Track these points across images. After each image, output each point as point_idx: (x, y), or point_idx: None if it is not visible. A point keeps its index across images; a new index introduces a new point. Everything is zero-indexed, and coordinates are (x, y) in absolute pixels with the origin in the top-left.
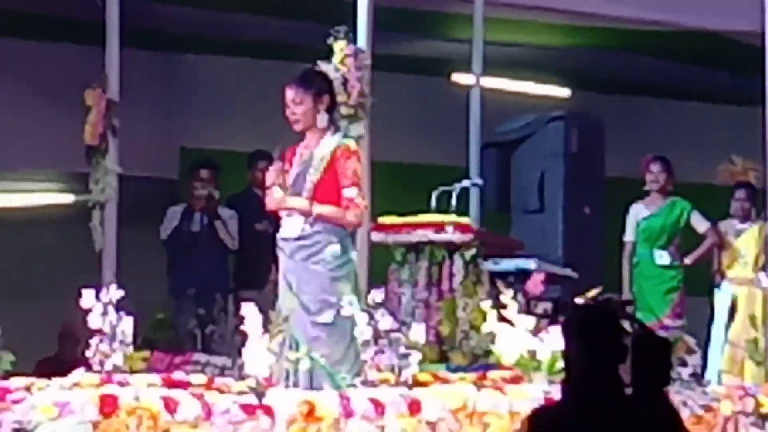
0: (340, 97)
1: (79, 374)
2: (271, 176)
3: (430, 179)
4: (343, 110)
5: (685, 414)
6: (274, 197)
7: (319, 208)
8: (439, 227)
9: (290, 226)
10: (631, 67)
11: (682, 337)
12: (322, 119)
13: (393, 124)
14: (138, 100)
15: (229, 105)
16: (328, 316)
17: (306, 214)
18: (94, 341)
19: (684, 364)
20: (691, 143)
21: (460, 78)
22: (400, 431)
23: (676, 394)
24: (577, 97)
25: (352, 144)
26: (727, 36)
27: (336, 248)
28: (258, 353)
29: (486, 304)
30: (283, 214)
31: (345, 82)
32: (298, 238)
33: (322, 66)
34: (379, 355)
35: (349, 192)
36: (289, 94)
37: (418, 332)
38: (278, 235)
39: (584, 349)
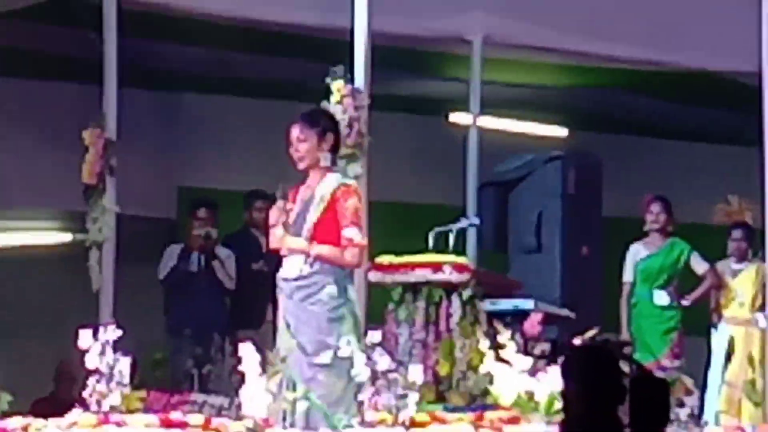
0: None
1: (76, 414)
2: (273, 215)
3: (428, 219)
4: (342, 150)
5: None
6: (275, 236)
7: (318, 249)
8: (437, 267)
9: (290, 267)
10: (629, 107)
11: (680, 378)
12: (326, 158)
13: (391, 163)
14: (136, 139)
15: (227, 144)
16: (325, 357)
17: (305, 254)
18: (91, 381)
19: (682, 404)
20: (689, 183)
21: (457, 117)
22: None
23: None
24: (575, 136)
25: (352, 183)
26: (725, 76)
27: (333, 289)
28: (255, 393)
29: (484, 344)
30: (284, 253)
31: (350, 123)
32: (297, 278)
33: (330, 106)
34: (377, 395)
35: (349, 232)
36: (294, 131)
37: (415, 372)
38: (278, 275)
39: (583, 390)
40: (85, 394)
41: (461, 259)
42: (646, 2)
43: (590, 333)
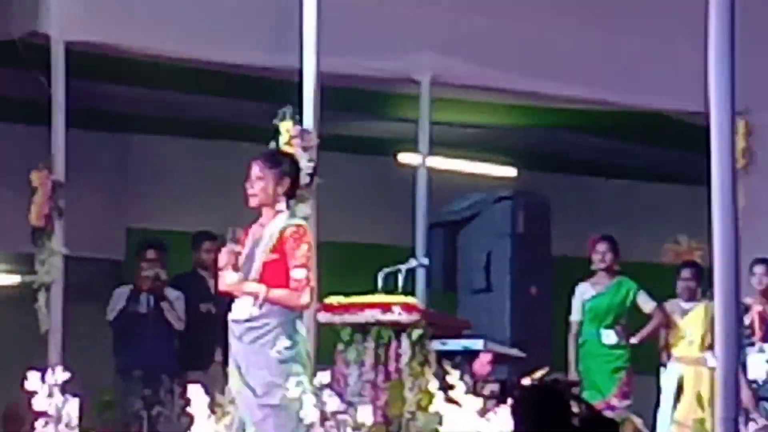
0: None
1: None
2: (223, 258)
3: (377, 259)
4: None
5: None
6: (226, 279)
7: (265, 291)
8: (386, 307)
9: (240, 308)
10: (578, 147)
11: (629, 417)
12: (280, 201)
13: (340, 203)
14: (84, 181)
15: (175, 185)
16: (274, 398)
17: (256, 296)
18: (39, 423)
19: None
20: (638, 222)
21: (406, 158)
22: None
23: None
24: (524, 176)
25: (301, 224)
26: (673, 115)
27: (283, 330)
28: None
29: (433, 385)
30: (237, 294)
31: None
32: (247, 320)
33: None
34: None
35: (299, 273)
36: (255, 169)
37: (365, 413)
38: (229, 317)
39: (533, 430)
40: None
41: (410, 300)
42: (593, 43)
43: (539, 373)
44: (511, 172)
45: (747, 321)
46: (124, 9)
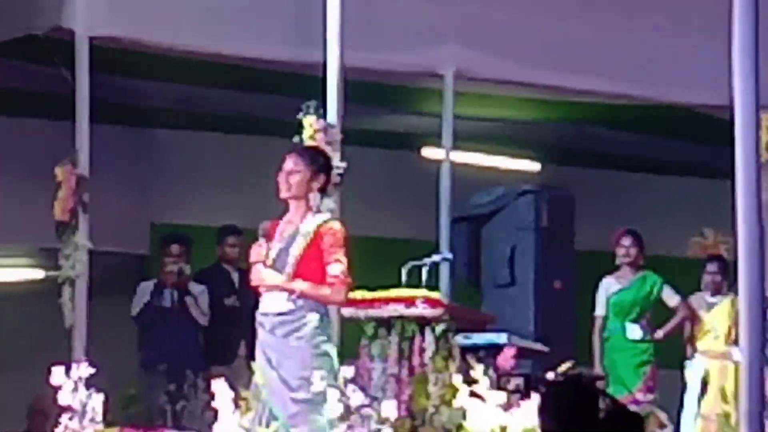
0: None
1: None
2: (255, 253)
3: (401, 254)
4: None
5: None
6: (258, 274)
7: (303, 286)
8: (410, 302)
9: (271, 302)
10: (602, 141)
11: (653, 412)
12: (315, 198)
13: (363, 198)
14: (108, 176)
15: (199, 180)
16: (308, 393)
17: (290, 291)
18: (64, 418)
19: None
20: (662, 216)
21: (430, 152)
22: None
23: None
24: (548, 170)
25: (337, 223)
26: (698, 109)
27: (317, 325)
28: (229, 429)
29: (457, 379)
30: (262, 289)
31: None
32: (279, 314)
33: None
34: (351, 430)
35: (336, 269)
36: (290, 162)
37: (389, 408)
38: (258, 310)
39: (561, 426)
40: (57, 431)
41: (434, 294)
42: (618, 36)
43: (563, 367)
44: (534, 166)
45: None
46: (148, 4)
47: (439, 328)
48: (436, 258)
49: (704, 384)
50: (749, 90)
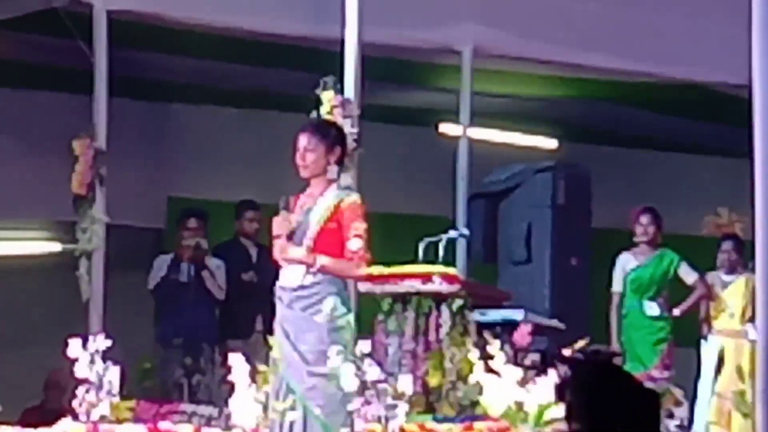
0: None
1: (65, 424)
2: (279, 225)
3: (418, 230)
4: None
5: None
6: (281, 248)
7: (325, 260)
8: (426, 278)
9: (290, 276)
10: (619, 119)
11: (669, 389)
12: (333, 171)
13: (381, 174)
14: (126, 150)
15: (217, 154)
16: (325, 367)
17: (311, 265)
18: (80, 390)
19: (671, 415)
20: (679, 195)
21: (447, 128)
22: None
23: None
24: (565, 148)
25: (357, 198)
26: (715, 88)
27: (336, 299)
28: (245, 403)
29: (473, 355)
30: (282, 263)
31: None
32: (298, 288)
33: (338, 119)
34: (366, 405)
35: (355, 244)
36: (303, 140)
37: (405, 383)
38: (277, 284)
39: (591, 403)
40: (74, 403)
41: (451, 270)
42: (636, 14)
43: (580, 344)
44: (552, 143)
45: None
46: None
47: (456, 304)
48: (452, 234)
49: (720, 362)
50: (767, 69)
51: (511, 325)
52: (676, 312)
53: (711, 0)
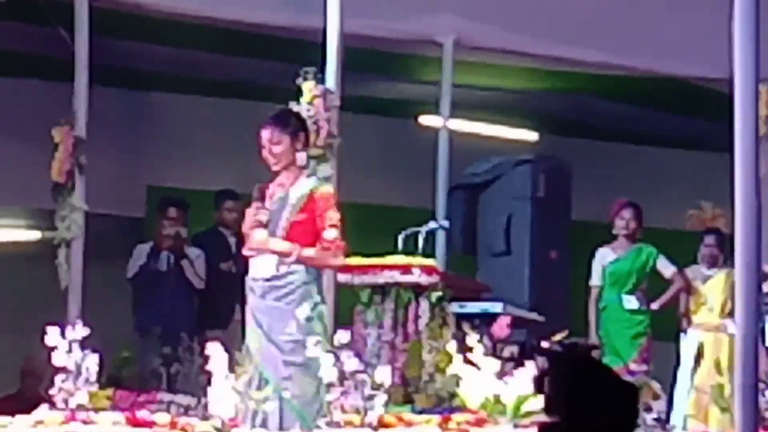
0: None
1: (42, 412)
2: (250, 217)
3: (397, 221)
4: (312, 151)
5: None
6: (257, 238)
7: (303, 251)
8: (406, 269)
9: (262, 266)
10: (600, 112)
11: (647, 383)
12: (301, 158)
13: (361, 165)
14: (105, 138)
15: (197, 144)
16: (300, 356)
17: (287, 255)
18: (58, 379)
19: (649, 409)
20: (659, 189)
21: (428, 120)
22: None
23: None
24: (545, 140)
25: (329, 187)
26: (696, 82)
27: (309, 288)
28: (223, 393)
29: (451, 347)
30: (252, 253)
31: (315, 122)
32: (271, 279)
33: (294, 107)
34: (345, 396)
35: (331, 234)
36: (266, 134)
37: (383, 374)
38: (248, 275)
39: (571, 395)
40: (52, 391)
41: (430, 262)
42: (617, 8)
43: (558, 336)
44: (532, 136)
45: (765, 288)
46: None
47: (435, 295)
48: (432, 226)
49: (698, 356)
50: (749, 63)
51: (489, 317)
52: (654, 306)
53: None
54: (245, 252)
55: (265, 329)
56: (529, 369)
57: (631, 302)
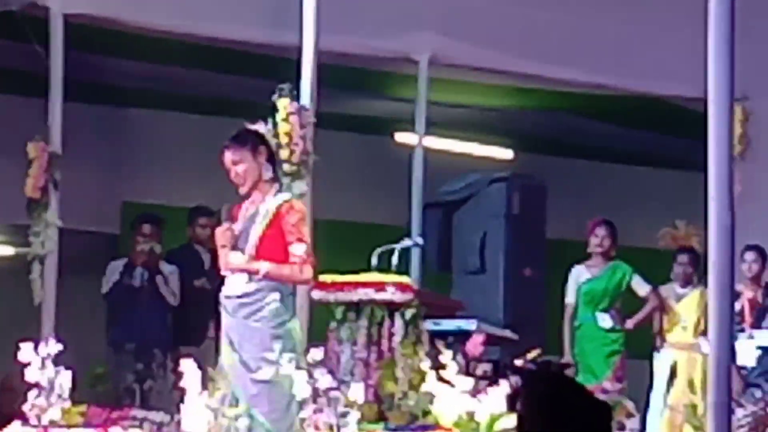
0: (284, 154)
1: (15, 428)
2: (222, 236)
3: (372, 238)
4: (286, 167)
5: None
6: (226, 257)
7: (268, 267)
8: (380, 286)
9: (233, 284)
10: (575, 130)
11: (621, 401)
12: (267, 170)
13: (336, 182)
14: (80, 154)
15: (171, 160)
16: (268, 374)
17: (255, 272)
18: (31, 395)
19: (623, 428)
20: (634, 207)
21: (403, 137)
22: None
23: None
24: (520, 158)
25: (296, 202)
26: (672, 101)
27: (278, 305)
28: (196, 409)
29: (425, 365)
30: (226, 271)
31: (289, 139)
32: (241, 296)
33: (251, 125)
34: (318, 413)
35: (299, 249)
36: (227, 156)
37: (356, 391)
38: (221, 292)
39: (535, 413)
40: (25, 407)
41: (404, 279)
42: (594, 26)
43: (532, 354)
44: (507, 153)
45: (737, 307)
46: None
47: (409, 313)
48: (407, 243)
49: (672, 375)
50: (723, 82)
51: (464, 335)
52: (629, 324)
53: (668, 13)
54: (223, 271)
55: (236, 346)
56: (503, 387)
57: (605, 321)
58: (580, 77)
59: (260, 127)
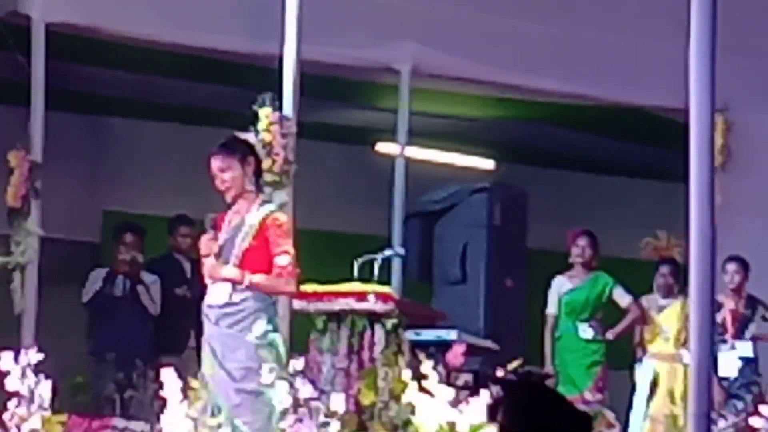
0: (265, 164)
1: None
2: (206, 246)
3: (353, 248)
4: (268, 177)
5: None
6: (210, 267)
7: (254, 278)
8: (361, 296)
9: (216, 294)
10: (556, 141)
11: (602, 412)
12: (251, 182)
13: (317, 192)
14: (61, 163)
15: (153, 169)
16: (251, 383)
17: (239, 282)
18: (11, 404)
19: None
20: (615, 218)
21: (384, 147)
22: None
23: None
24: (501, 169)
25: (281, 214)
26: (652, 111)
27: (262, 316)
28: (177, 419)
29: (406, 375)
30: (209, 281)
31: (270, 149)
32: (225, 305)
33: (242, 134)
34: (298, 423)
35: (283, 260)
36: (215, 163)
37: (337, 401)
38: (204, 302)
39: (516, 423)
40: (4, 417)
41: (386, 289)
42: (574, 37)
43: (513, 365)
44: (489, 164)
45: (719, 318)
46: None
47: (390, 323)
48: (388, 253)
49: (653, 385)
50: (705, 93)
51: (444, 345)
52: (610, 335)
53: (649, 23)
54: (206, 280)
55: (219, 356)
56: (484, 397)
57: (586, 331)
58: (561, 87)
59: (250, 137)
